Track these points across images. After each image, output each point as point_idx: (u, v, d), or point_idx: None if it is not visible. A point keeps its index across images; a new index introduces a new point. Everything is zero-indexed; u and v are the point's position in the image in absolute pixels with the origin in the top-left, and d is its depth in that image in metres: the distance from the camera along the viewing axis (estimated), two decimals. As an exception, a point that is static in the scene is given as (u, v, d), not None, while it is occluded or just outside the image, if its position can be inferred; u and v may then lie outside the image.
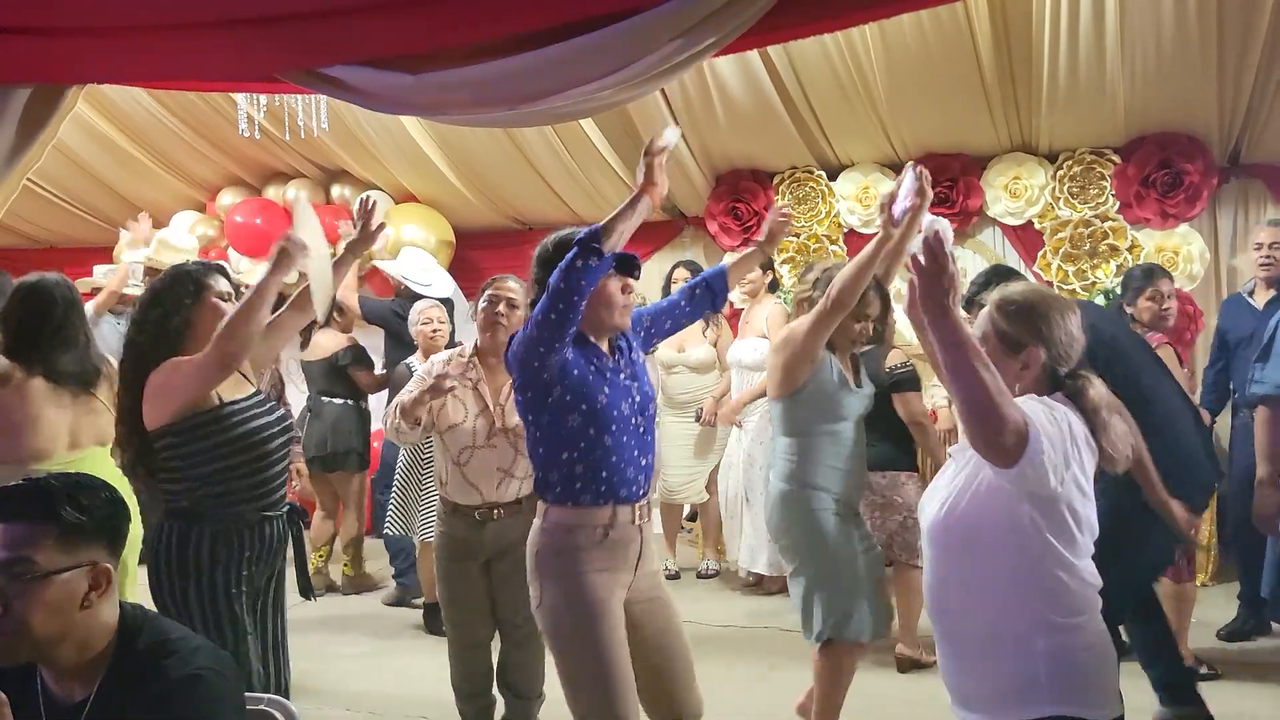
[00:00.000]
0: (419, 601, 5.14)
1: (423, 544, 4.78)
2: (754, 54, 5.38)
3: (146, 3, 1.99)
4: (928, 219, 2.72)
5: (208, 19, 1.99)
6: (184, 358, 2.59)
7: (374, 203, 2.79)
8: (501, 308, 3.18)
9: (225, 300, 2.70)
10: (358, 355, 5.62)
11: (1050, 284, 5.88)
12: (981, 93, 5.40)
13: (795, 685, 3.60)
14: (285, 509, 2.79)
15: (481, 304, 3.20)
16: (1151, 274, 4.15)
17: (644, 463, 2.57)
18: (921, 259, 1.74)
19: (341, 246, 2.91)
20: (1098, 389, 2.04)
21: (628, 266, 2.46)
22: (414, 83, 1.88)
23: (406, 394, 3.17)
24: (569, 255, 2.28)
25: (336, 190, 6.96)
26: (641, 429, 2.53)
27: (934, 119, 5.71)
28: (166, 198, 7.12)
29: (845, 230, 6.29)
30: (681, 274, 5.66)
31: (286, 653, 2.88)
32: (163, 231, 6.67)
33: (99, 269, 6.12)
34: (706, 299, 2.88)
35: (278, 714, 1.92)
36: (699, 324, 5.55)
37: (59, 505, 1.63)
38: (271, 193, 7.01)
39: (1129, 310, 4.09)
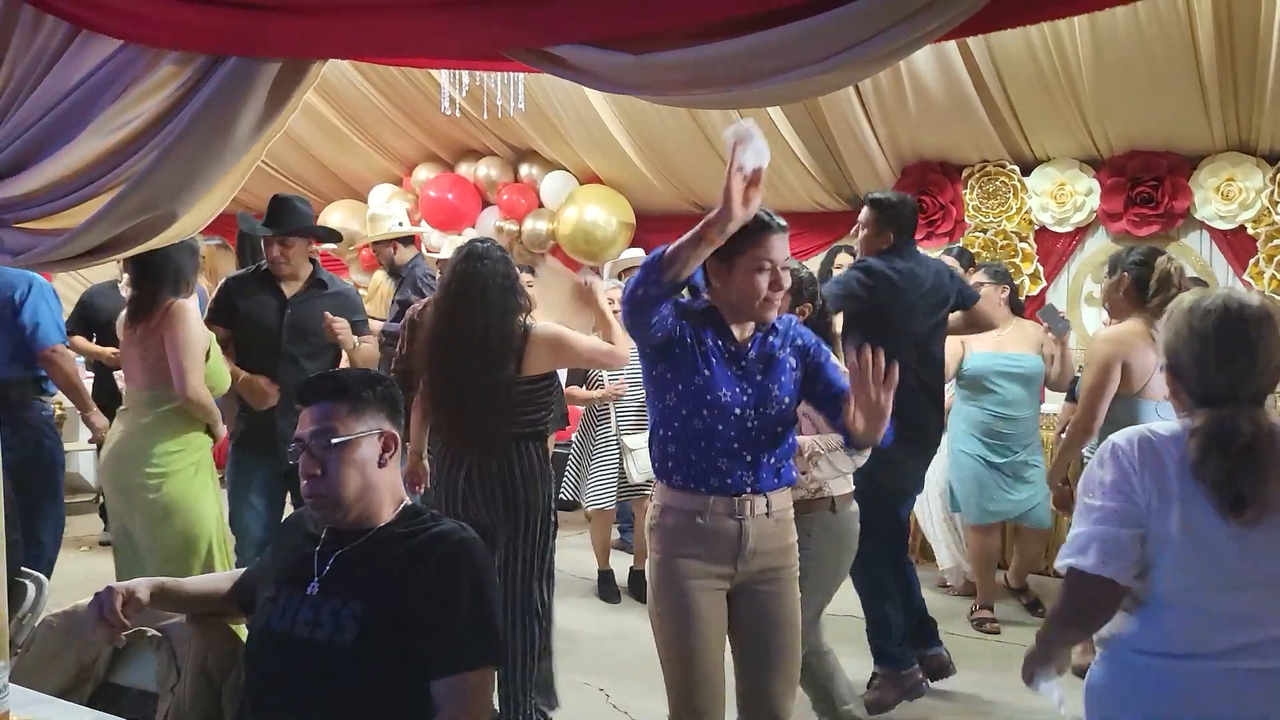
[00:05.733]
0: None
1: (597, 513, 5.08)
2: (950, 42, 5.24)
3: (388, -17, 2.11)
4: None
5: (443, -1, 2.09)
6: (577, 336, 3.32)
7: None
8: None
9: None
10: None
11: (1261, 294, 5.51)
12: (1198, 87, 5.10)
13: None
14: None
15: None
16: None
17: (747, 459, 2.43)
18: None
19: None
20: (1218, 420, 1.79)
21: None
22: (635, 62, 1.92)
23: None
24: (631, 280, 2.25)
25: (525, 169, 7.18)
26: (750, 425, 2.40)
27: (1142, 114, 5.43)
28: (367, 171, 7.52)
29: (1036, 228, 6.06)
30: (845, 259, 5.52)
31: None
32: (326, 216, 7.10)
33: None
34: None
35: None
36: None
37: (349, 385, 1.95)
38: (463, 169, 7.29)
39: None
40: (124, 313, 3.63)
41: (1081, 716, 1.93)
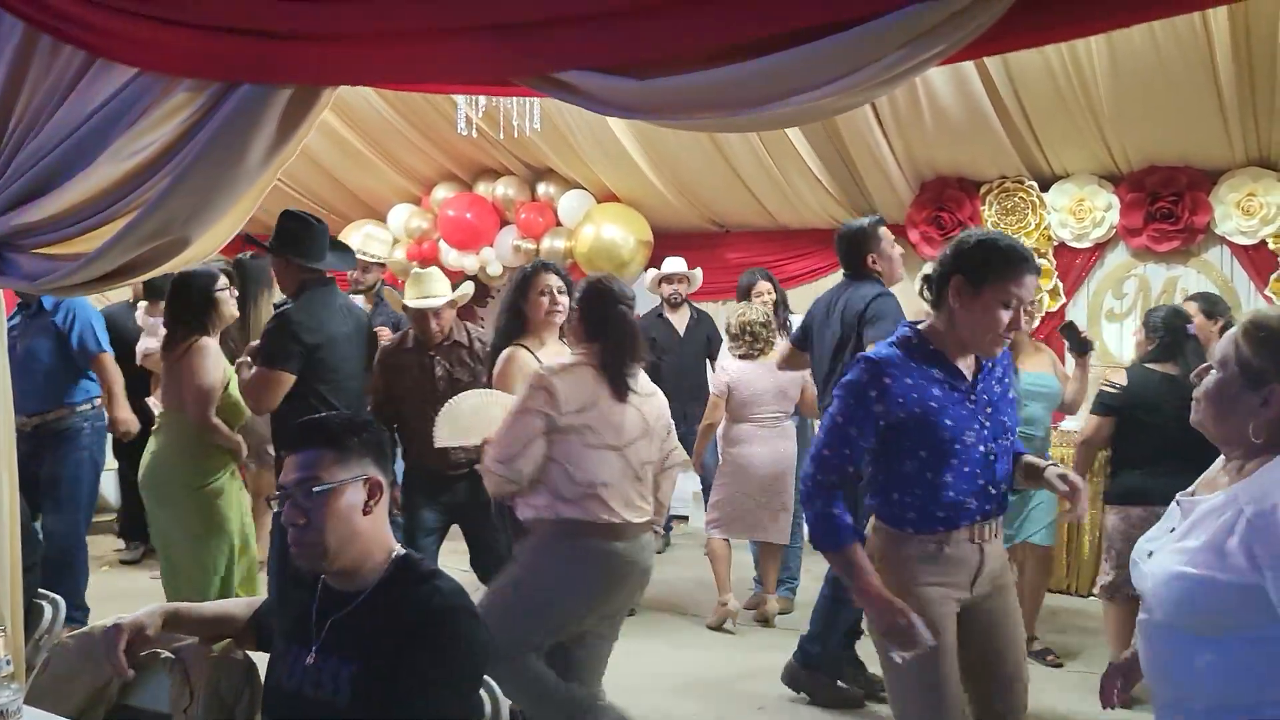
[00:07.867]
0: None
1: None
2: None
3: (397, 11, 2.13)
4: None
5: (451, 26, 2.11)
6: (511, 390, 3.27)
7: None
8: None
9: (553, 292, 3.51)
10: None
11: (1284, 309, 5.46)
12: (1216, 102, 5.07)
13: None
14: None
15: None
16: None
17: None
18: None
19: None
20: None
21: None
22: (640, 88, 1.93)
23: None
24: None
25: (542, 188, 7.21)
26: (991, 458, 2.42)
27: (1161, 129, 5.40)
28: (385, 190, 7.56)
29: (1055, 244, 6.03)
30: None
31: None
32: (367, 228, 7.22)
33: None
34: None
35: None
36: None
37: (334, 432, 1.93)
38: (481, 188, 7.33)
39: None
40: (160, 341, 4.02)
41: None
